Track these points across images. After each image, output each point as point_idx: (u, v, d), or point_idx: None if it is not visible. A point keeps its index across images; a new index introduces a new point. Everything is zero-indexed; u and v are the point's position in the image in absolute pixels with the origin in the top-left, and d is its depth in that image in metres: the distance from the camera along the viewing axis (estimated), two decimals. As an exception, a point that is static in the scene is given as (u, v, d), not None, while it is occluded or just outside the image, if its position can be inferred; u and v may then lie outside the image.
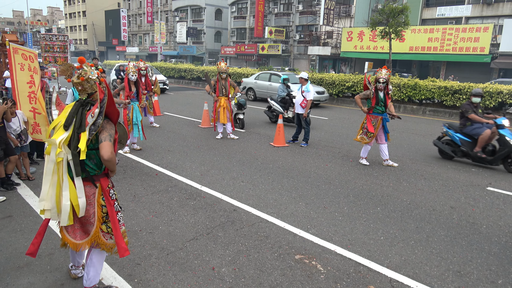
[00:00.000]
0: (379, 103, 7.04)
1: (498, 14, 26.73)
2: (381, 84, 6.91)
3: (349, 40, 31.61)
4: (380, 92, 7.02)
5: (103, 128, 2.80)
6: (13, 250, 3.78)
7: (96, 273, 3.02)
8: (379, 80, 6.91)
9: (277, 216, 4.77)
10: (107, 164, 2.77)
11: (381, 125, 7.10)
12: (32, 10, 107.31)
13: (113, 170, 2.91)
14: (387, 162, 7.32)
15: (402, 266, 3.68)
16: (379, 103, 7.04)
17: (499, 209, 5.25)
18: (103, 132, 2.78)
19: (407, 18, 19.98)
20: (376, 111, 7.11)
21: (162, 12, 55.00)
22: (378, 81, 6.92)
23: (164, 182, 5.94)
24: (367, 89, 7.15)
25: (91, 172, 2.86)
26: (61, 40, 13.01)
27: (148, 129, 10.03)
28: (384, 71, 6.96)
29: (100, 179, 2.92)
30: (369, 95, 7.08)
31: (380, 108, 7.07)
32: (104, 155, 2.70)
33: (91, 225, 2.90)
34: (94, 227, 2.90)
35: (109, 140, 2.76)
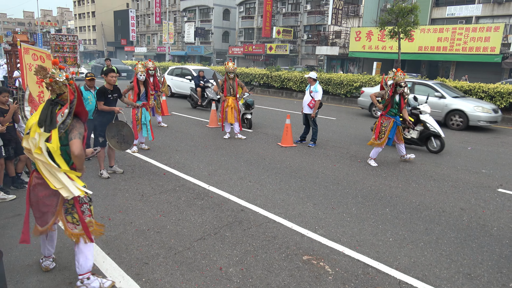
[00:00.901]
0: (394, 105, 7.10)
1: (509, 14, 26.38)
2: (402, 88, 6.98)
3: (358, 40, 31.42)
4: (396, 95, 7.07)
5: (72, 126, 3.01)
6: (23, 248, 3.82)
7: (86, 259, 3.14)
8: (400, 84, 6.95)
9: (284, 216, 4.75)
10: (76, 160, 2.98)
11: (392, 127, 7.10)
12: (42, 10, 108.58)
13: (81, 168, 3.09)
14: (404, 158, 7.55)
15: (411, 268, 3.64)
16: (394, 105, 7.10)
17: (510, 211, 5.17)
18: (73, 131, 3.00)
19: (417, 18, 19.79)
20: (390, 113, 7.15)
21: (171, 12, 55.25)
22: (400, 85, 6.96)
23: (172, 182, 5.96)
24: (383, 89, 7.20)
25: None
26: (70, 40, 13.14)
27: (156, 128, 10.07)
28: (402, 75, 6.98)
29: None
30: (384, 96, 7.13)
31: (394, 111, 7.12)
32: (75, 151, 2.92)
33: (52, 215, 3.11)
34: (53, 217, 3.11)
35: (78, 138, 2.97)
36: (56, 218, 3.13)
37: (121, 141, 5.73)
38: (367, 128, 11.33)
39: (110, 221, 4.49)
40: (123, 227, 4.34)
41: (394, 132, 7.16)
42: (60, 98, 3.08)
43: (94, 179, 5.98)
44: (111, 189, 5.53)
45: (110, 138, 5.65)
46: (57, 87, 3.04)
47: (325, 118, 13.04)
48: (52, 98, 3.08)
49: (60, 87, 3.05)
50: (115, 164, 6.44)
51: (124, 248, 3.87)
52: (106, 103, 5.96)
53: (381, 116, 7.23)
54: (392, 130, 7.12)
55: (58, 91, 3.07)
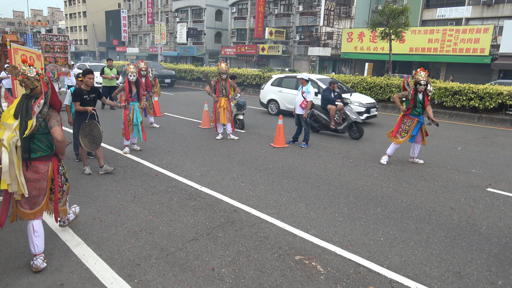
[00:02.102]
0: (417, 104, 7.10)
1: (498, 15, 26.75)
2: (422, 86, 6.97)
3: (349, 41, 31.62)
4: (419, 94, 7.08)
5: (50, 116, 3.43)
6: (13, 250, 3.78)
7: (42, 242, 3.51)
8: (420, 82, 6.95)
9: (277, 216, 4.77)
10: (59, 145, 3.46)
11: (416, 125, 7.16)
12: (32, 10, 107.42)
13: (63, 152, 3.59)
14: (413, 160, 7.61)
15: (402, 267, 3.68)
16: (417, 104, 7.10)
17: (499, 210, 5.25)
18: (51, 120, 3.42)
19: (407, 19, 19.99)
20: (414, 113, 7.17)
21: (163, 12, 55.04)
22: (420, 83, 6.96)
23: (164, 183, 5.94)
24: (406, 90, 7.21)
25: (44, 153, 3.47)
26: (61, 40, 13.00)
27: (148, 129, 10.03)
28: (423, 73, 7.00)
29: (51, 158, 3.55)
30: (408, 96, 7.14)
31: (418, 110, 7.13)
32: (58, 137, 3.39)
33: (43, 196, 3.53)
34: (45, 198, 3.54)
35: (57, 125, 3.41)
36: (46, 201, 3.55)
37: (91, 141, 5.88)
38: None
39: (101, 222, 4.46)
40: (115, 228, 4.32)
41: (418, 130, 7.18)
42: (34, 92, 3.43)
43: (86, 180, 5.94)
44: (103, 190, 5.50)
45: (82, 138, 5.82)
46: (30, 82, 3.40)
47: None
48: (27, 93, 3.44)
49: (32, 82, 3.41)
50: (104, 163, 6.46)
51: (116, 249, 3.86)
52: (82, 104, 6.00)
53: (404, 115, 7.27)
54: (416, 128, 7.15)
55: (31, 86, 3.42)
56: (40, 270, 3.42)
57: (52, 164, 3.55)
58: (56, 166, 3.58)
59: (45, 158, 3.49)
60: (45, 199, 3.53)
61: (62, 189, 3.70)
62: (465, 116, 14.08)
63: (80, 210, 4.37)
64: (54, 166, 3.56)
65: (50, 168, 3.53)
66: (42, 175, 3.46)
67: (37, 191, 3.47)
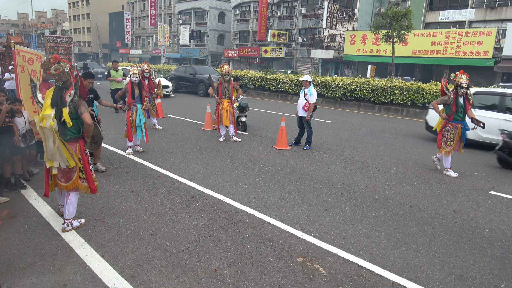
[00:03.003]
0: (459, 109, 6.73)
1: (501, 18, 26.71)
2: (464, 89, 6.60)
3: (352, 43, 31.63)
4: (460, 98, 6.72)
5: (79, 103, 4.06)
6: (17, 251, 3.80)
7: (74, 209, 4.28)
8: (461, 85, 6.59)
9: (279, 218, 4.77)
10: (88, 128, 4.13)
11: (462, 132, 6.80)
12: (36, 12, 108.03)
13: (90, 136, 4.26)
14: (446, 171, 7.05)
15: (404, 270, 3.67)
16: (459, 109, 6.73)
17: (502, 213, 5.23)
18: (81, 107, 4.06)
19: (410, 22, 19.99)
20: (456, 118, 6.80)
21: (166, 14, 55.24)
22: (461, 87, 6.60)
23: (166, 184, 5.96)
24: (445, 95, 6.85)
25: (72, 136, 4.12)
26: (65, 42, 13.05)
27: (151, 131, 10.05)
28: (464, 75, 6.65)
29: (79, 140, 4.19)
30: (448, 101, 6.77)
31: (461, 115, 6.77)
32: (88, 121, 4.06)
33: (74, 173, 4.17)
34: (75, 174, 4.18)
35: (86, 111, 4.07)
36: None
37: (91, 141, 5.88)
38: (362, 131, 11.41)
39: (104, 223, 4.48)
40: (118, 229, 4.34)
41: (465, 135, 6.85)
42: (65, 84, 4.03)
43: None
44: (106, 192, 5.52)
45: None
46: (64, 75, 4.00)
47: (320, 121, 13.09)
48: (59, 85, 4.02)
49: (66, 75, 4.01)
50: (98, 161, 6.56)
51: (118, 250, 3.87)
52: None
53: (447, 123, 6.88)
54: (463, 135, 6.82)
55: (64, 79, 4.00)
56: (66, 231, 4.19)
57: (79, 145, 4.19)
58: (82, 146, 4.23)
59: (74, 140, 4.15)
60: (75, 175, 4.17)
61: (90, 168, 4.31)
62: (468, 119, 14.04)
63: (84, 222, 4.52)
64: (81, 147, 4.20)
65: (78, 148, 4.18)
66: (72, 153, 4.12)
67: (69, 168, 4.13)
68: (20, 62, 5.65)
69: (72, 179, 4.17)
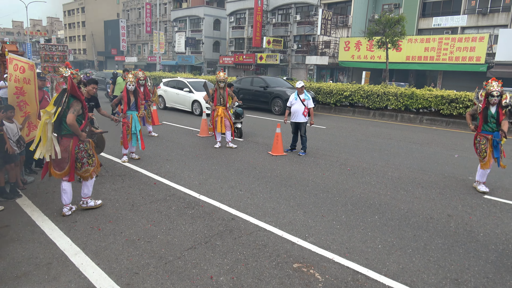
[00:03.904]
0: (489, 119, 6.13)
1: (493, 24, 27.08)
2: (495, 98, 5.99)
3: (347, 49, 31.88)
4: (492, 107, 6.10)
5: (72, 105, 4.64)
6: (11, 260, 3.78)
7: (88, 191, 5.06)
8: (491, 93, 5.99)
9: (275, 224, 4.78)
10: (69, 127, 4.63)
11: (494, 146, 6.15)
12: (31, 20, 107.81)
13: (77, 134, 4.70)
14: (477, 184, 6.44)
15: (399, 274, 3.69)
16: (489, 119, 6.13)
17: (496, 217, 5.27)
18: (71, 108, 4.62)
19: (404, 28, 20.23)
20: (486, 129, 6.22)
21: (161, 22, 55.43)
22: (491, 95, 6.00)
23: (162, 191, 5.95)
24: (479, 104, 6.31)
25: (67, 132, 4.70)
26: (60, 50, 13.05)
27: (147, 138, 10.05)
28: (495, 83, 6.06)
29: (73, 137, 4.74)
30: (477, 110, 6.32)
31: (491, 126, 6.13)
32: (67, 121, 4.57)
33: (66, 164, 4.74)
34: (67, 164, 4.74)
35: (72, 113, 4.57)
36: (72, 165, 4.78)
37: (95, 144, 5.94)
38: (357, 137, 11.47)
39: (100, 231, 4.47)
40: (113, 237, 4.32)
41: (499, 150, 6.13)
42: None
43: (84, 189, 5.94)
44: (101, 199, 5.50)
45: None
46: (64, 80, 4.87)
47: (315, 126, 13.14)
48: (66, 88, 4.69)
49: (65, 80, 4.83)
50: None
51: (114, 258, 3.86)
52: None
53: (477, 133, 6.38)
54: (495, 150, 6.13)
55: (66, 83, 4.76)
56: (65, 216, 4.85)
57: (73, 141, 4.73)
58: (75, 143, 4.74)
59: (68, 136, 4.71)
60: (67, 165, 4.73)
61: (81, 162, 4.84)
62: (462, 123, 14.16)
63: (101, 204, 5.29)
64: (74, 143, 4.73)
65: (71, 144, 4.71)
66: (65, 148, 4.70)
67: (62, 159, 4.69)
68: (11, 70, 5.66)
69: (65, 168, 4.73)
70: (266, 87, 17.04)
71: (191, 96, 15.58)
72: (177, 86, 16.60)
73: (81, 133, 4.74)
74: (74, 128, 4.62)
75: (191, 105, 15.72)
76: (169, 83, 17.24)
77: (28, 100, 5.93)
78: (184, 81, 16.41)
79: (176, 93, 16.39)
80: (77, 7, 75.44)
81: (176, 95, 16.46)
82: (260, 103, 17.31)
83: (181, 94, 16.10)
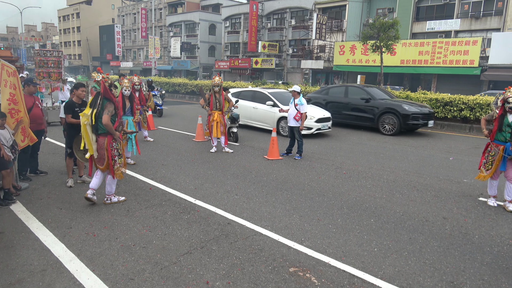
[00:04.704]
0: (504, 128, 5.69)
1: (486, 28, 27.35)
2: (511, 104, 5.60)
3: (341, 53, 32.06)
4: (510, 116, 5.66)
5: (106, 107, 5.14)
6: (5, 267, 3.74)
7: (111, 189, 5.53)
8: (508, 100, 5.62)
9: (271, 229, 4.77)
10: (105, 127, 5.15)
11: (502, 158, 5.68)
12: (26, 26, 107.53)
13: (112, 133, 5.22)
14: (508, 205, 5.74)
15: (396, 277, 3.69)
16: (504, 128, 5.69)
17: (491, 219, 5.30)
18: (105, 109, 5.12)
19: (398, 32, 20.35)
20: (499, 138, 5.77)
21: (156, 27, 55.46)
22: (507, 102, 5.62)
23: (158, 196, 5.93)
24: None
25: (103, 131, 5.21)
26: (55, 55, 13.04)
27: (142, 143, 10.02)
28: None
29: (107, 135, 5.25)
30: (493, 117, 5.92)
31: (505, 135, 5.68)
32: (103, 121, 5.11)
33: (103, 160, 5.29)
34: (105, 161, 5.29)
35: (106, 114, 5.11)
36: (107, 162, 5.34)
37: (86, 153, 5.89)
38: (352, 140, 11.50)
39: (95, 237, 4.44)
40: (108, 243, 4.30)
41: (505, 163, 5.68)
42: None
43: (79, 194, 5.92)
44: (96, 205, 5.48)
45: (77, 151, 5.99)
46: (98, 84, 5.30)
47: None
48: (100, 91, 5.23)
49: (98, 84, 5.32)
50: (84, 174, 6.64)
51: (109, 264, 3.83)
52: (73, 116, 6.10)
53: (490, 142, 5.92)
54: (503, 162, 5.68)
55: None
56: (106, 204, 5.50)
57: (107, 139, 5.24)
58: (109, 141, 5.25)
59: (103, 135, 5.22)
60: (105, 162, 5.28)
61: (114, 159, 5.33)
62: (456, 126, 14.26)
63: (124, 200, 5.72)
64: (108, 141, 5.24)
65: (106, 142, 5.22)
66: (101, 145, 5.23)
67: (100, 155, 5.26)
68: (4, 76, 5.63)
69: (103, 164, 5.30)
70: (369, 99, 13.40)
71: (277, 111, 11.92)
72: (253, 99, 13.09)
73: (115, 132, 5.24)
74: (109, 128, 5.09)
75: (276, 123, 12.14)
76: (242, 95, 13.55)
77: (20, 108, 5.90)
78: (264, 93, 12.91)
79: (254, 108, 12.83)
80: (72, 13, 75.39)
81: (253, 110, 12.89)
82: (360, 119, 13.64)
83: (260, 109, 12.60)
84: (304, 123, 10.21)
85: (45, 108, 13.35)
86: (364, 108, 13.49)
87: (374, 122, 13.19)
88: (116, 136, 5.27)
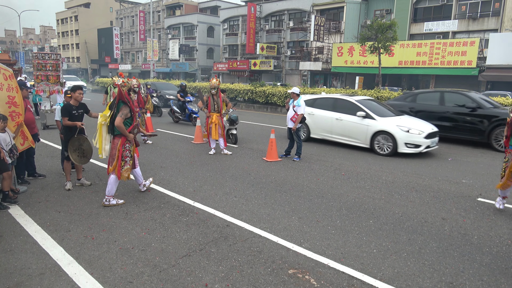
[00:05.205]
0: None
1: (483, 29, 27.43)
2: None
3: (340, 55, 32.09)
4: None
5: (121, 109, 5.39)
6: (3, 271, 3.73)
7: (111, 189, 5.55)
8: None
9: (270, 230, 4.76)
10: (118, 128, 5.39)
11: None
12: (24, 29, 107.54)
13: (125, 134, 5.46)
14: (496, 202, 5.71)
15: (395, 279, 3.69)
16: None
17: (489, 219, 5.30)
18: (120, 112, 5.37)
19: (395, 34, 20.43)
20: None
21: (155, 29, 55.47)
22: None
23: (156, 199, 5.92)
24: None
25: (118, 132, 5.45)
26: (53, 58, 13.02)
27: (141, 146, 10.01)
28: None
29: (121, 137, 5.48)
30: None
31: None
32: (115, 123, 5.37)
33: (113, 160, 5.47)
34: (114, 161, 5.47)
35: (120, 116, 5.34)
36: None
37: (81, 155, 6.16)
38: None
39: (93, 240, 4.43)
40: (107, 246, 4.29)
41: None
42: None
43: (77, 197, 5.91)
44: (95, 208, 5.46)
45: (72, 152, 6.06)
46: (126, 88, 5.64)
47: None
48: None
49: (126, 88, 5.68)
50: (82, 176, 6.60)
51: (108, 267, 3.82)
52: (70, 119, 6.10)
53: (506, 149, 5.54)
54: None
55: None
56: (108, 206, 5.52)
57: (121, 140, 5.47)
58: (123, 142, 5.48)
59: (118, 136, 5.46)
60: (114, 162, 5.45)
61: (124, 160, 5.54)
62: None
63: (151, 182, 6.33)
64: (121, 141, 5.48)
65: (119, 142, 5.45)
66: (114, 146, 5.47)
67: (111, 155, 5.49)
68: (1, 79, 5.63)
69: (112, 164, 5.46)
70: (476, 107, 10.90)
71: (371, 124, 9.70)
72: (334, 108, 10.72)
73: (128, 134, 5.48)
74: (122, 129, 5.36)
75: (369, 140, 9.80)
76: (317, 103, 11.19)
77: (21, 111, 5.90)
78: (351, 101, 10.40)
79: (337, 119, 10.43)
80: (70, 16, 75.34)
81: (335, 121, 10.50)
82: (464, 132, 11.24)
83: (346, 121, 10.21)
84: (411, 140, 9.09)
85: (44, 111, 13.34)
86: (468, 119, 11.00)
87: (484, 135, 10.76)
88: (130, 138, 5.51)
